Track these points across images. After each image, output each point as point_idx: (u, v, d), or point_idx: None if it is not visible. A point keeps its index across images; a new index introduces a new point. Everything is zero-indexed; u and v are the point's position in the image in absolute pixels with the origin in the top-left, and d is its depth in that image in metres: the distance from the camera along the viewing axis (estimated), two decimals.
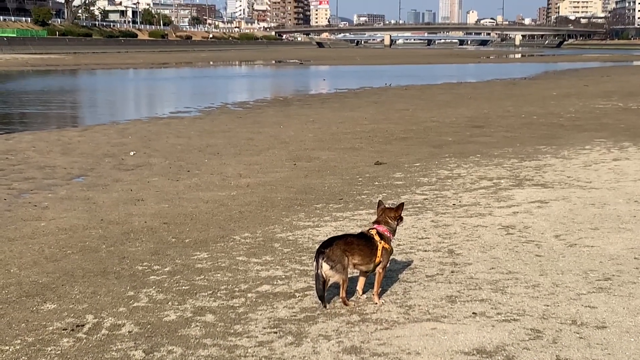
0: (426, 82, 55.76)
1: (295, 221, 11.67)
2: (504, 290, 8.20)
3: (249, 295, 8.24)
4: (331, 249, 7.53)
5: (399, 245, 10.16)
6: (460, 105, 32.39)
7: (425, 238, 10.51)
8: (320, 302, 7.70)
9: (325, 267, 7.50)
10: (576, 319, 7.26)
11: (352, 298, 7.96)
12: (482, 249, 9.85)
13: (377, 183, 14.76)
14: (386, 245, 7.81)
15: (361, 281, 8.06)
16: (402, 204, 8.15)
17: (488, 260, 9.37)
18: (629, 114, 26.92)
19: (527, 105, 31.29)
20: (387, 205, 8.16)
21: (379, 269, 7.82)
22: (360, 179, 15.29)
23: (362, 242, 7.76)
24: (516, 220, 11.33)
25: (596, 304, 7.64)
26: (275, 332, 7.15)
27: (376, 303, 7.82)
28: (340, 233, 10.36)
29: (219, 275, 8.98)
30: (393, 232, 8.00)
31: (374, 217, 11.76)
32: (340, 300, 7.78)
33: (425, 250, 9.89)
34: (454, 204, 12.61)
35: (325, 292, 7.67)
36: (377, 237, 7.79)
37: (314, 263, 7.59)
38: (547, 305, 7.67)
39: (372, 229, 7.92)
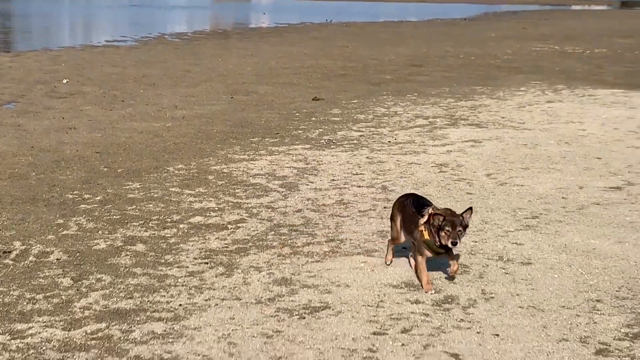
0: (367, 19, 55.50)
1: (230, 154, 11.60)
2: None
3: (181, 226, 8.20)
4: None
5: (332, 180, 10.21)
6: (400, 44, 32.37)
7: (360, 174, 10.56)
8: None
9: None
10: (503, 255, 7.41)
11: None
12: (415, 186, 9.94)
13: (314, 119, 14.72)
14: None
15: None
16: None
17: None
18: (564, 57, 27.26)
19: (466, 46, 31.44)
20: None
21: None
22: (297, 114, 15.23)
23: None
24: (450, 159, 11.45)
25: (523, 241, 7.80)
26: (207, 263, 7.15)
27: None
28: (277, 168, 10.39)
29: (151, 205, 8.91)
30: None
31: (310, 152, 11.80)
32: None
33: (359, 186, 9.94)
34: (389, 141, 12.67)
35: None
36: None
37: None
38: (475, 242, 7.81)
39: None
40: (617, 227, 8.33)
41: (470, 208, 6.49)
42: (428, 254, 6.55)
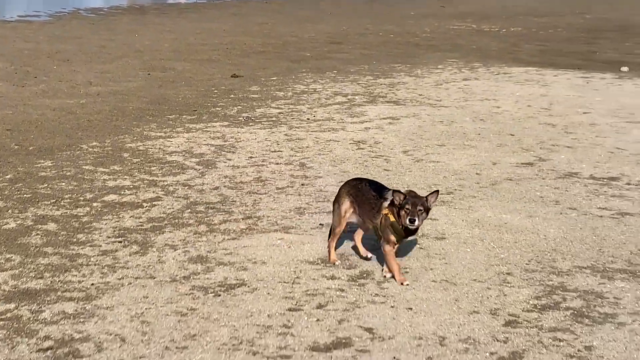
0: None
1: (146, 131, 11.44)
2: None
3: (95, 204, 8.06)
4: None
5: (250, 157, 10.17)
6: (320, 21, 32.33)
7: (278, 151, 10.54)
8: None
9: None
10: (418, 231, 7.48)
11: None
12: (332, 163, 9.98)
13: (232, 96, 14.62)
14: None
15: None
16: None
17: (338, 173, 9.50)
18: (481, 35, 27.63)
19: (385, 24, 31.58)
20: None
21: None
22: (215, 91, 15.10)
23: None
24: (367, 136, 11.51)
25: (437, 217, 7.90)
26: (120, 242, 7.05)
27: None
28: (194, 145, 10.33)
29: (63, 184, 8.72)
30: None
31: (228, 129, 11.72)
32: None
33: (277, 163, 9.93)
34: (308, 119, 12.67)
35: None
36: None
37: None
38: None
39: None
40: (528, 202, 8.52)
41: (437, 191, 6.23)
42: (394, 239, 6.19)
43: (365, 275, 6.46)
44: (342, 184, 6.88)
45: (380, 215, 6.26)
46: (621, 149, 10.89)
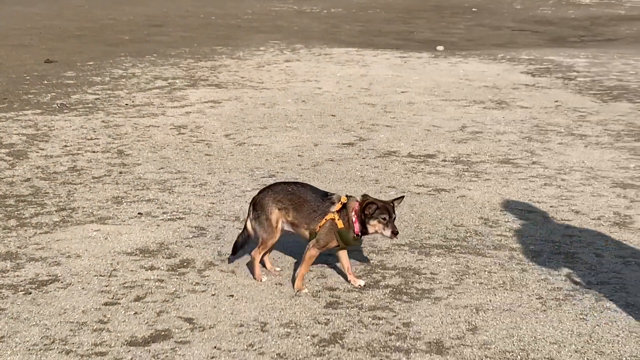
0: None
1: None
2: (172, 190, 8.17)
3: None
4: None
5: (65, 146, 9.75)
6: (139, 4, 31.52)
7: (95, 139, 10.16)
8: None
9: None
10: (239, 216, 7.40)
11: None
12: (152, 149, 9.72)
13: (46, 82, 13.96)
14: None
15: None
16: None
17: (158, 160, 9.27)
18: (303, 16, 27.80)
19: (207, 6, 31.20)
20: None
21: None
22: (27, 77, 14.37)
23: None
24: (189, 120, 11.30)
25: None
26: None
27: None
28: (4, 135, 9.79)
29: None
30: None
31: (41, 117, 11.19)
32: None
33: (94, 152, 9.57)
34: (126, 104, 12.28)
35: None
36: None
37: None
38: (213, 203, 7.76)
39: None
40: (349, 181, 8.61)
41: (402, 197, 5.88)
42: (332, 245, 5.79)
43: (185, 264, 6.30)
44: (260, 192, 6.14)
45: (321, 219, 5.78)
46: (437, 127, 11.22)
